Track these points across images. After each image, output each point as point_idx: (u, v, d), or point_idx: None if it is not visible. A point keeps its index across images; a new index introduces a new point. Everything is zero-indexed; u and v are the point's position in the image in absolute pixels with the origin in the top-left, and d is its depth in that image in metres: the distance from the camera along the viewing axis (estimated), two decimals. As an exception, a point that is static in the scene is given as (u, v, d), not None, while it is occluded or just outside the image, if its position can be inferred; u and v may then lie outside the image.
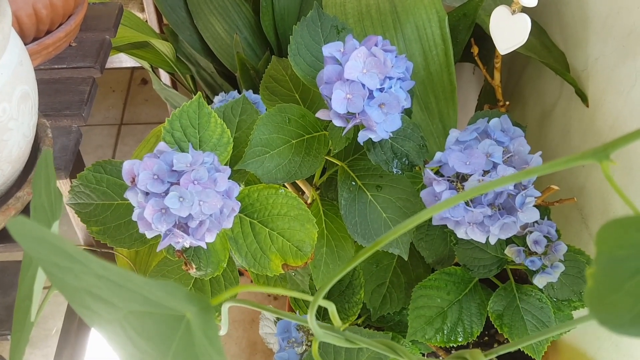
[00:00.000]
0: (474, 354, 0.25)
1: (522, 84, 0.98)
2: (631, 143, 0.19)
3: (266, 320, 0.85)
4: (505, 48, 0.67)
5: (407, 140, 0.61)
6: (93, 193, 0.55)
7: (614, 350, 0.72)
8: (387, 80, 0.54)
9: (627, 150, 0.66)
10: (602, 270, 0.16)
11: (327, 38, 0.63)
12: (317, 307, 0.29)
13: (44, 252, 0.20)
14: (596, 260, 0.16)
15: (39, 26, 0.63)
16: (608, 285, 0.16)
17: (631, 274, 0.16)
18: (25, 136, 0.49)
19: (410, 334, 0.68)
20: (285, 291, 0.30)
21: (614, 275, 0.16)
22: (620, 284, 0.16)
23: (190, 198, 0.45)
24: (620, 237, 0.16)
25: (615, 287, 0.16)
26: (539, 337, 0.27)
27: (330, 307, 0.26)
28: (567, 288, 0.66)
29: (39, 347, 1.22)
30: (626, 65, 0.68)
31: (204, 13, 0.98)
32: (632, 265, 0.16)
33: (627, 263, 0.16)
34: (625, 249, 0.16)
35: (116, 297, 0.21)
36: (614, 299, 0.16)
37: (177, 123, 0.54)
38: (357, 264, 0.72)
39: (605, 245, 0.16)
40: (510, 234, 0.58)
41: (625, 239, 0.16)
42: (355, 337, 0.26)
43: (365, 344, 0.26)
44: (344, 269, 0.23)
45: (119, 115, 1.72)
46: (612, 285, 0.16)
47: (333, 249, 0.64)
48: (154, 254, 0.85)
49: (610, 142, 0.18)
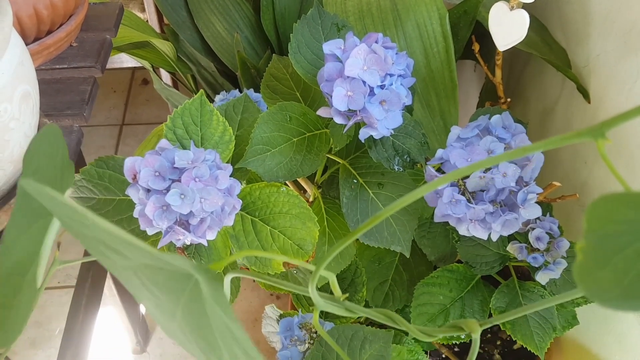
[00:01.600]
0: (469, 324, 0.25)
1: (524, 80, 0.98)
2: (626, 122, 0.19)
3: (269, 319, 0.84)
4: (503, 44, 0.67)
5: (408, 137, 0.61)
6: (95, 188, 0.55)
7: (617, 347, 0.72)
8: (388, 77, 0.54)
9: (622, 133, 0.66)
10: (592, 245, 0.16)
11: (327, 36, 0.63)
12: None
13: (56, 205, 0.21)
14: (585, 234, 0.17)
15: (39, 26, 0.64)
16: (597, 260, 0.16)
17: (620, 249, 0.16)
18: (26, 136, 0.49)
19: (413, 331, 0.67)
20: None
21: (603, 250, 0.16)
22: (608, 259, 0.16)
23: (192, 195, 0.46)
24: (611, 213, 0.16)
25: (604, 261, 0.16)
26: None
27: (331, 277, 0.26)
28: (570, 284, 0.66)
29: (42, 347, 1.22)
30: (627, 62, 0.67)
31: (204, 12, 0.98)
32: (621, 240, 0.16)
33: (617, 238, 0.16)
34: (615, 224, 0.16)
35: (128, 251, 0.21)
36: (602, 273, 0.16)
37: (179, 120, 0.54)
38: (357, 264, 0.72)
39: (595, 220, 0.16)
40: (512, 231, 0.57)
41: (616, 214, 0.16)
42: (354, 306, 0.27)
43: (364, 314, 0.27)
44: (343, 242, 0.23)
45: (120, 115, 1.72)
46: (601, 259, 0.16)
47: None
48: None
49: (606, 120, 0.19)
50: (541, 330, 0.65)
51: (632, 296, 0.17)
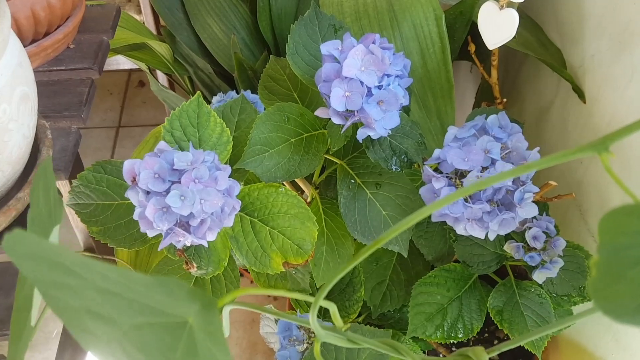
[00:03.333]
0: (476, 352, 0.25)
1: (520, 81, 0.99)
2: (629, 135, 0.19)
3: (267, 320, 0.85)
4: (493, 43, 0.67)
5: (405, 137, 0.61)
6: (93, 193, 0.55)
7: (614, 345, 0.73)
8: (385, 78, 0.54)
9: (624, 143, 0.66)
10: (605, 259, 0.16)
11: (324, 37, 0.63)
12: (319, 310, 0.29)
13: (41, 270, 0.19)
14: (599, 249, 0.16)
15: (37, 28, 0.64)
16: (611, 274, 0.16)
17: (634, 262, 0.16)
18: (25, 137, 0.49)
19: (411, 330, 0.68)
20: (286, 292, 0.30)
21: (617, 264, 0.16)
22: (623, 273, 0.16)
23: (192, 196, 0.46)
24: (622, 225, 0.16)
25: (618, 276, 0.16)
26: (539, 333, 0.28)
27: (332, 307, 0.26)
28: (567, 283, 0.66)
29: (39, 350, 1.22)
30: (622, 62, 0.68)
31: (201, 14, 0.98)
32: (634, 254, 0.16)
33: (630, 251, 0.16)
34: (628, 236, 0.16)
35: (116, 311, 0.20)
36: (617, 288, 0.16)
37: (176, 122, 0.55)
38: (357, 263, 0.73)
39: (607, 233, 0.16)
40: (509, 230, 0.58)
41: (628, 226, 0.16)
42: (356, 337, 0.26)
43: (367, 344, 0.26)
44: (344, 268, 0.23)
45: (116, 117, 1.72)
46: (615, 274, 0.16)
47: (333, 247, 0.65)
48: (155, 254, 0.85)
49: (609, 134, 0.18)
50: (538, 329, 0.66)
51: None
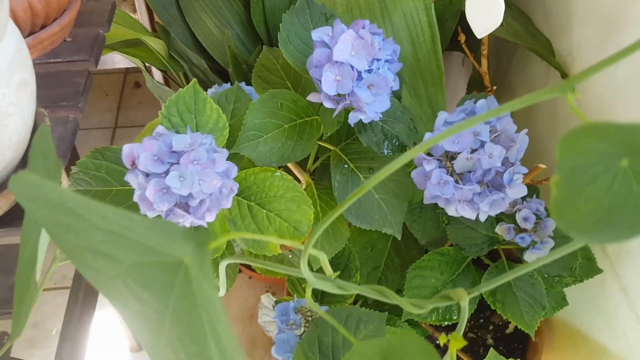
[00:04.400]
0: (458, 292, 0.26)
1: (510, 70, 1.00)
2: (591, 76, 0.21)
3: (265, 309, 0.86)
4: (481, 31, 0.68)
5: (397, 122, 0.62)
6: (92, 180, 0.56)
7: (606, 326, 0.74)
8: (375, 62, 0.55)
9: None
10: (565, 177, 0.17)
11: (316, 25, 0.64)
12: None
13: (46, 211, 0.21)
14: (558, 167, 0.17)
15: (34, 20, 0.65)
16: (570, 192, 0.17)
17: (591, 179, 0.17)
18: (24, 123, 0.50)
19: (406, 313, 0.69)
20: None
21: (576, 181, 0.17)
22: (582, 189, 0.17)
23: (191, 177, 0.47)
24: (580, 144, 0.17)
25: (577, 192, 0.17)
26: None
27: (321, 256, 0.27)
28: (558, 264, 0.68)
29: (38, 347, 1.23)
30: (608, 49, 0.70)
31: (195, 10, 0.99)
32: (592, 171, 0.17)
33: (588, 169, 0.17)
34: (585, 155, 0.17)
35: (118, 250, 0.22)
36: (576, 205, 0.17)
37: (174, 109, 0.56)
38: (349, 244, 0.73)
39: (567, 152, 0.17)
40: (499, 210, 0.59)
41: (585, 145, 0.17)
42: (345, 284, 0.28)
43: (356, 290, 0.28)
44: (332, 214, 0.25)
45: (113, 118, 1.73)
46: (575, 190, 0.17)
47: (328, 231, 0.66)
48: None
49: (574, 75, 0.20)
50: (530, 309, 0.67)
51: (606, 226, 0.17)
